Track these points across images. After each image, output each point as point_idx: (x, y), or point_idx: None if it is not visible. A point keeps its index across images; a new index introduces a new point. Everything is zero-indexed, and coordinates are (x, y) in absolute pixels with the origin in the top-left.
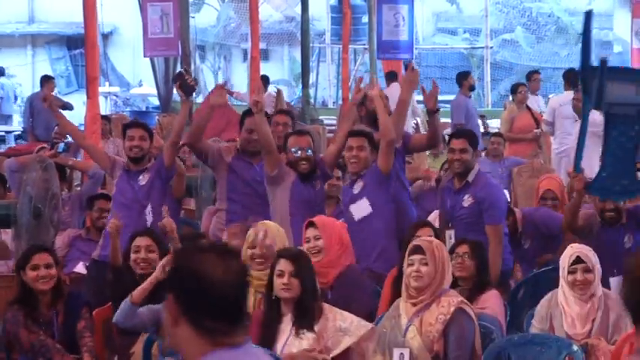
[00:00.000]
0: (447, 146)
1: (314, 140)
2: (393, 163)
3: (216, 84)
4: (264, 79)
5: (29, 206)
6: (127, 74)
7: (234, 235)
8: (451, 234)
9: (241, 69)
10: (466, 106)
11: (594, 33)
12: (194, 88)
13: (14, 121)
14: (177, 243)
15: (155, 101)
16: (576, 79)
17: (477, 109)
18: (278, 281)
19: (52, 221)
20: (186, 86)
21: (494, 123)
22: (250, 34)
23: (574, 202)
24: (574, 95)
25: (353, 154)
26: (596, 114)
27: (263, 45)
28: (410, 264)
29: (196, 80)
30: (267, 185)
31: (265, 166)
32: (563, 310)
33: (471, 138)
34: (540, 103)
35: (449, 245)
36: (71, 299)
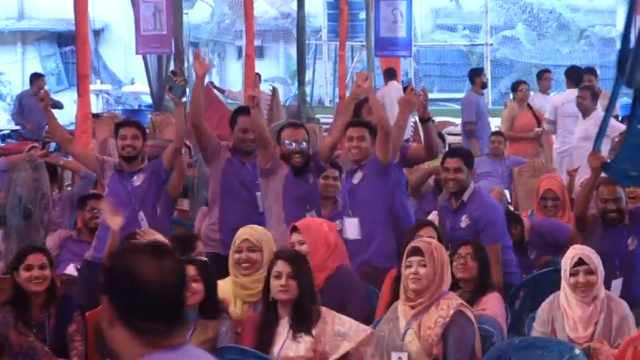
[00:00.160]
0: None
1: (309, 136)
2: (391, 153)
3: (194, 55)
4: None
5: (19, 207)
6: (118, 72)
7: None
8: None
9: (236, 66)
10: (477, 104)
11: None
12: (185, 88)
13: (1, 120)
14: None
15: (148, 99)
16: (579, 76)
17: None
18: (275, 283)
19: (43, 222)
20: (177, 88)
21: (494, 122)
22: (245, 30)
23: (589, 181)
24: (578, 93)
25: (354, 144)
26: (614, 119)
27: (258, 42)
28: (408, 265)
29: (186, 80)
30: (260, 178)
31: (259, 160)
32: (565, 313)
33: (466, 157)
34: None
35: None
36: (64, 302)
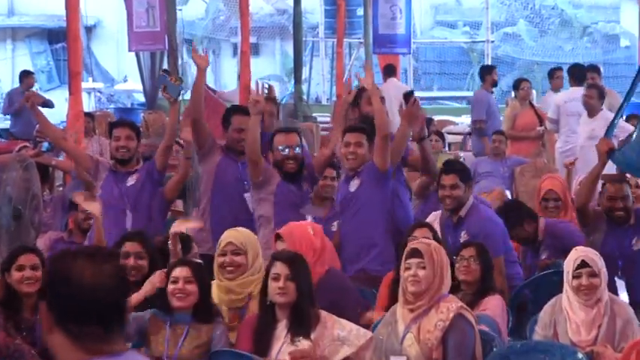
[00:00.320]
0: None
1: (302, 138)
2: (389, 159)
3: (192, 50)
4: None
5: (9, 207)
6: (111, 69)
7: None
8: None
9: (231, 64)
10: (488, 102)
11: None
12: (181, 88)
13: None
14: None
15: (141, 97)
16: (581, 74)
17: None
18: (273, 285)
19: (33, 223)
20: (172, 88)
21: None
22: (240, 27)
23: (594, 171)
24: (585, 91)
25: (350, 150)
26: (621, 119)
27: (254, 39)
28: (407, 267)
29: (181, 79)
30: (252, 187)
31: (250, 173)
32: (567, 316)
33: (462, 173)
34: None
35: None
36: None
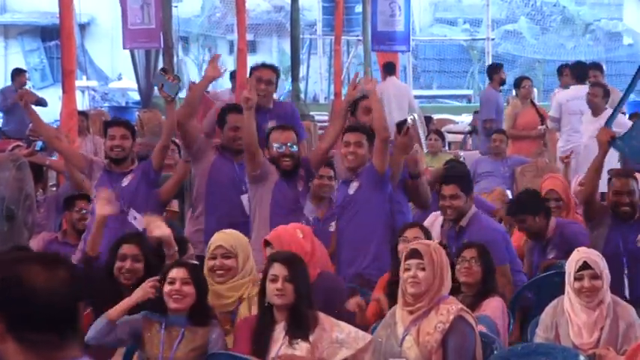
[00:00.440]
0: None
1: (298, 135)
2: (387, 162)
3: (211, 58)
4: (235, 73)
5: (1, 208)
6: (105, 67)
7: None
8: None
9: (227, 62)
10: (496, 101)
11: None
12: (179, 87)
13: None
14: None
15: (135, 96)
16: (583, 72)
17: (478, 104)
18: (271, 286)
19: (26, 224)
20: (170, 86)
21: None
22: (237, 24)
23: (595, 161)
24: (590, 90)
25: (350, 150)
26: (623, 117)
27: (250, 36)
28: (407, 269)
29: (178, 77)
30: (249, 184)
31: (247, 167)
32: (569, 319)
33: (462, 182)
34: None
35: None
36: None
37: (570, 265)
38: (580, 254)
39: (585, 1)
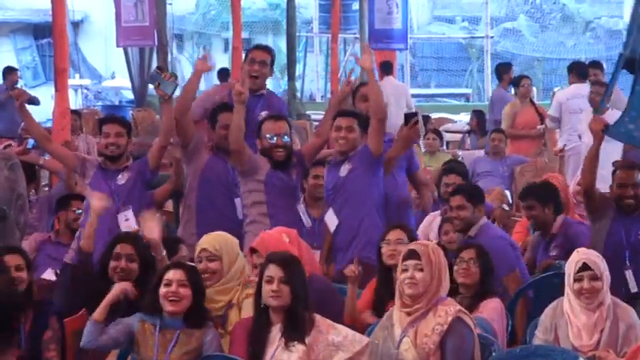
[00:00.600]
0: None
1: (292, 132)
2: (382, 143)
3: (199, 58)
4: (224, 72)
5: None
6: (98, 66)
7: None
8: None
9: (222, 60)
10: (507, 102)
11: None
12: (175, 85)
13: None
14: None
15: (129, 95)
16: (583, 71)
17: (477, 103)
18: (267, 288)
19: (18, 224)
20: (166, 85)
21: None
22: (232, 22)
23: (591, 150)
24: (592, 88)
25: (341, 134)
26: (617, 113)
27: (246, 34)
28: (404, 270)
29: (175, 75)
30: (240, 178)
31: (234, 163)
32: (568, 320)
33: (469, 193)
34: None
35: None
36: (40, 307)
37: (570, 267)
38: (580, 255)
39: None
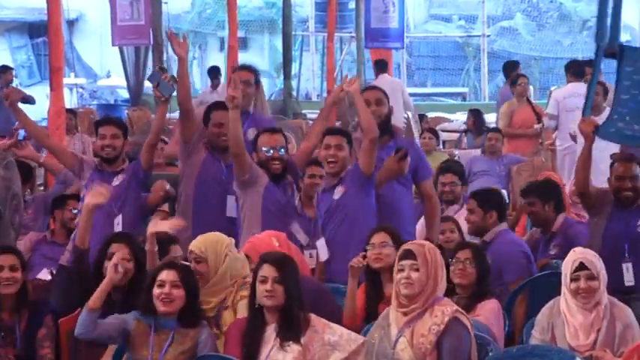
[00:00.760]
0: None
1: (287, 140)
2: (374, 164)
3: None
4: (214, 70)
5: None
6: (94, 64)
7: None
8: None
9: (218, 59)
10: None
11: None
12: (174, 87)
13: None
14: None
15: (124, 94)
16: (580, 69)
17: (473, 102)
18: (261, 288)
19: (13, 223)
20: (165, 87)
21: (491, 117)
22: (228, 21)
23: (583, 151)
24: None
25: (331, 152)
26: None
27: (241, 33)
28: (400, 270)
29: (175, 79)
30: (237, 189)
31: (236, 170)
32: (565, 320)
33: (482, 199)
34: None
35: None
36: (35, 307)
37: (566, 266)
38: (576, 255)
39: None
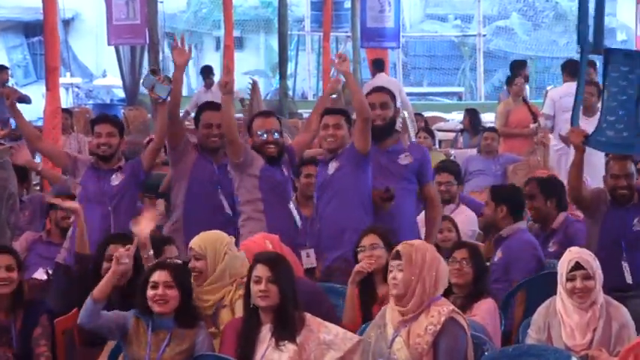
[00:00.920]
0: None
1: (281, 125)
2: (369, 141)
3: (172, 45)
4: (207, 69)
5: None
6: (89, 64)
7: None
8: None
9: (214, 58)
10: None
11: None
12: (170, 88)
13: None
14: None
15: (120, 93)
16: (576, 69)
17: (469, 102)
18: (255, 288)
19: (9, 223)
20: (161, 88)
21: (487, 117)
22: (223, 20)
23: (574, 161)
24: (585, 88)
25: (329, 132)
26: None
27: (237, 32)
28: (390, 270)
29: (169, 79)
30: (232, 172)
31: (230, 154)
32: (561, 320)
33: (495, 192)
34: None
35: None
36: (31, 307)
37: (562, 266)
38: (572, 254)
39: None
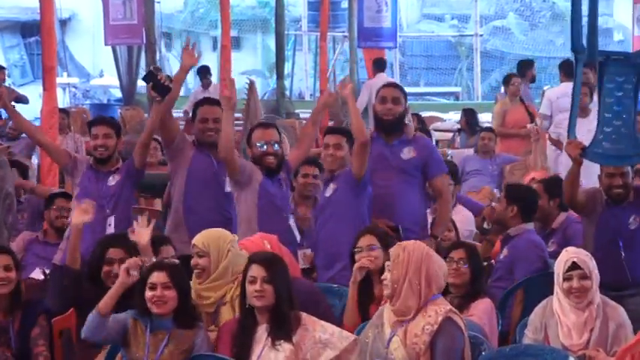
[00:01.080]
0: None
1: (281, 136)
2: (366, 167)
3: (183, 48)
4: (204, 69)
5: None
6: (86, 64)
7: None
8: None
9: (211, 58)
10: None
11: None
12: (170, 88)
13: None
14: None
15: (117, 93)
16: (573, 69)
17: (466, 102)
18: (250, 288)
19: (6, 223)
20: (161, 88)
21: (485, 117)
22: (220, 20)
23: (571, 171)
24: (582, 90)
25: (330, 152)
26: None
27: (234, 32)
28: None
29: (170, 78)
30: (231, 187)
31: (228, 172)
32: (558, 320)
33: (509, 190)
34: None
35: None
36: (29, 307)
37: (559, 266)
38: (569, 254)
39: None
